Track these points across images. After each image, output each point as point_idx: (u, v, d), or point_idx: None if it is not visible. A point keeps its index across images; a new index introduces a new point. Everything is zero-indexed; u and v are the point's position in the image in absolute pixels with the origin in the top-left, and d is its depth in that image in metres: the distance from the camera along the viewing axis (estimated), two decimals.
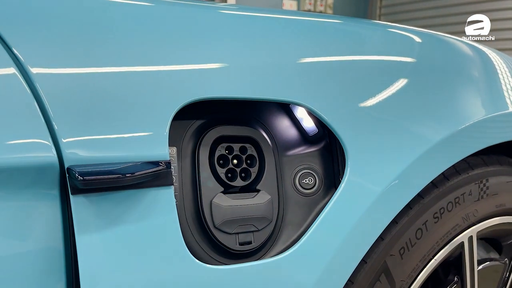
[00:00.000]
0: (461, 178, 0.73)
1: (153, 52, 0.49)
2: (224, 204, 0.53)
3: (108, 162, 0.43)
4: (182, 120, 0.54)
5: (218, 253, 0.53)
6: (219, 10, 0.60)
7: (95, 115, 0.44)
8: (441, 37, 0.81)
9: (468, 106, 0.73)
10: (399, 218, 0.67)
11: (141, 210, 0.45)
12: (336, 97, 0.59)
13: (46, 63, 0.44)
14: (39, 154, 0.41)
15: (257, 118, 0.60)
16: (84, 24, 0.47)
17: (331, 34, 0.65)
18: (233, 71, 0.53)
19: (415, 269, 0.68)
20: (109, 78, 0.46)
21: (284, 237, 0.58)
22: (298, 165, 0.61)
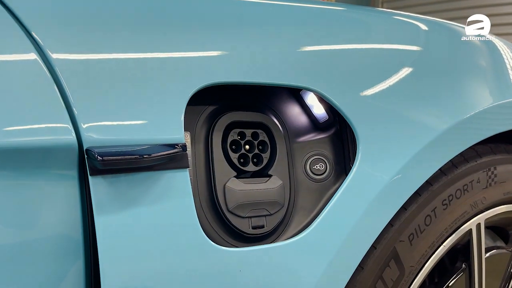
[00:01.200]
0: (469, 166, 0.74)
1: (169, 38, 0.50)
2: (237, 188, 0.54)
3: (126, 145, 0.44)
4: (196, 106, 0.55)
5: (232, 236, 0.54)
6: None
7: (113, 98, 0.45)
8: (449, 25, 0.81)
9: (475, 94, 0.73)
10: (408, 205, 0.67)
11: (157, 192, 0.46)
12: (347, 83, 0.59)
13: (65, 48, 0.44)
14: (58, 136, 0.42)
15: (268, 104, 0.61)
16: (103, 10, 0.48)
17: (342, 21, 0.65)
18: (246, 57, 0.54)
19: (424, 255, 0.69)
20: (126, 63, 0.46)
21: (295, 221, 0.59)
22: (309, 151, 0.62)
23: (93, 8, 0.47)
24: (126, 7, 0.49)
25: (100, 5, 0.48)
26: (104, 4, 0.48)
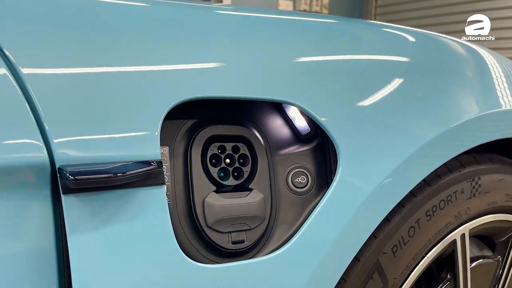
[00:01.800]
0: (453, 176, 0.74)
1: (145, 52, 0.49)
2: (217, 203, 0.53)
3: (100, 162, 0.44)
4: (175, 120, 0.54)
5: (211, 252, 0.54)
6: (213, 10, 0.61)
7: (86, 115, 0.44)
8: (435, 36, 0.81)
9: (461, 105, 0.73)
10: (392, 216, 0.67)
11: (133, 209, 0.45)
12: (328, 97, 0.59)
13: (37, 63, 0.44)
14: (30, 154, 0.41)
15: (249, 117, 0.60)
16: (76, 24, 0.47)
17: (324, 34, 0.65)
18: (226, 71, 0.53)
19: (407, 267, 0.69)
20: (100, 78, 0.46)
21: (276, 235, 0.58)
22: (290, 164, 0.61)
23: (66, 23, 0.47)
24: (100, 22, 0.49)
25: (72, 21, 0.47)
26: (77, 19, 0.48)
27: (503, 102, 0.80)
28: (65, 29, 0.47)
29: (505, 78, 0.84)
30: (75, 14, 0.48)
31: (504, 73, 0.85)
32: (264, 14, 0.63)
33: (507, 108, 0.80)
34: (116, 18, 0.50)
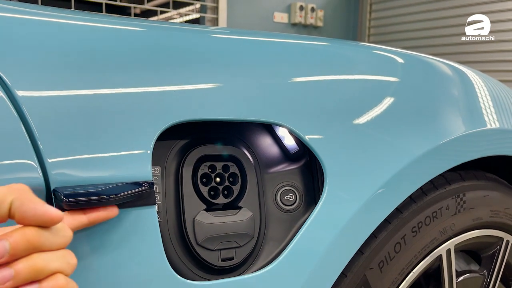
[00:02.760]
0: (438, 193, 0.76)
1: (138, 75, 0.51)
2: (207, 221, 0.55)
3: (93, 183, 0.45)
4: (166, 140, 0.56)
5: (201, 269, 0.55)
6: (204, 33, 0.63)
7: (80, 136, 0.46)
8: (422, 58, 0.84)
9: (447, 123, 0.76)
10: (378, 233, 0.69)
11: (124, 228, 0.47)
12: (315, 117, 0.61)
13: (32, 86, 0.46)
14: (25, 174, 0.43)
15: (239, 137, 0.62)
16: (70, 48, 0.49)
17: (312, 56, 0.67)
18: (217, 94, 0.55)
19: (394, 282, 0.70)
20: (94, 99, 0.48)
21: (265, 252, 0.60)
22: (279, 182, 0.63)
23: (60, 46, 0.49)
24: (93, 46, 0.51)
25: (66, 43, 0.49)
26: (71, 42, 0.49)
27: (488, 121, 0.83)
28: (58, 53, 0.48)
29: (490, 98, 0.87)
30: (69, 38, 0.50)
31: (490, 93, 0.88)
32: (254, 37, 0.65)
33: (492, 127, 0.83)
34: (110, 42, 0.52)
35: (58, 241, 0.37)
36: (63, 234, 0.37)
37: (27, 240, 0.34)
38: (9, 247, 0.33)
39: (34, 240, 0.35)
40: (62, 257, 0.37)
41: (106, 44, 0.52)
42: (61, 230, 0.37)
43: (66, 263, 0.37)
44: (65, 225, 0.38)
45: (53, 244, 0.36)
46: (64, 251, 0.37)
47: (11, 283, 0.33)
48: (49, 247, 0.36)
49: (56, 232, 0.37)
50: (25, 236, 0.34)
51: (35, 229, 0.35)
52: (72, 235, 0.39)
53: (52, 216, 0.35)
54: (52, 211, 0.35)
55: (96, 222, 0.44)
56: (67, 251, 0.38)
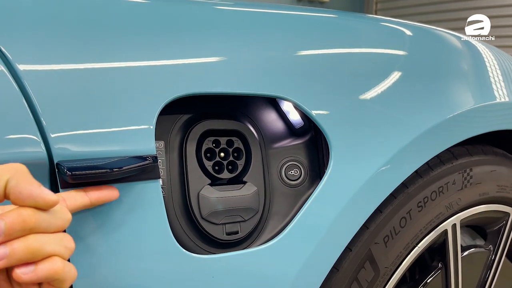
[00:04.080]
0: (445, 168, 0.75)
1: (141, 48, 0.50)
2: (211, 195, 0.55)
3: (97, 157, 0.45)
4: (170, 115, 0.56)
5: (206, 243, 0.55)
6: (208, 5, 0.61)
7: (83, 110, 0.46)
8: (430, 29, 0.82)
9: (456, 97, 0.74)
10: (384, 207, 0.69)
11: (129, 202, 0.47)
12: (321, 91, 0.60)
13: (33, 60, 0.45)
14: (28, 149, 0.43)
15: (243, 111, 0.61)
16: (72, 21, 0.48)
17: (319, 29, 0.66)
18: (220, 67, 0.54)
19: (399, 257, 0.70)
20: (96, 73, 0.47)
21: (270, 227, 0.60)
22: (284, 157, 0.63)
23: (61, 18, 0.48)
24: (95, 18, 0.49)
25: (67, 16, 0.48)
26: (72, 14, 0.48)
27: (497, 95, 0.81)
28: (61, 26, 0.47)
29: (500, 71, 0.85)
30: (70, 10, 0.49)
31: (500, 66, 0.86)
32: (258, 9, 0.64)
33: (502, 101, 0.81)
34: (111, 14, 0.51)
35: (55, 223, 0.36)
36: (61, 217, 0.37)
37: (23, 220, 0.34)
38: (4, 227, 0.33)
39: (30, 221, 0.34)
40: (60, 240, 0.36)
41: (108, 16, 0.51)
42: (59, 212, 0.37)
43: (64, 247, 0.36)
44: (64, 207, 0.38)
45: (50, 226, 0.36)
46: (61, 234, 0.37)
47: (5, 261, 0.33)
48: (45, 229, 0.35)
49: (54, 214, 0.36)
50: (21, 216, 0.34)
51: (32, 210, 0.34)
52: (71, 218, 0.38)
53: (46, 199, 0.34)
54: (47, 193, 0.35)
55: (98, 203, 0.44)
56: (65, 235, 0.37)
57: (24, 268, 0.34)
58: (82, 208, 0.43)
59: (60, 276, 0.36)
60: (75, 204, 0.42)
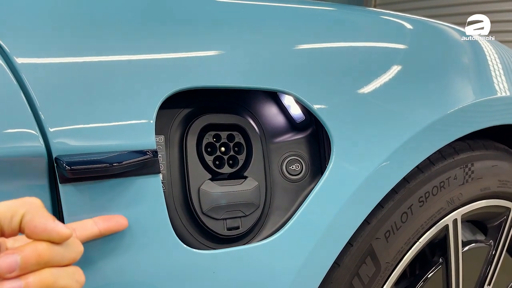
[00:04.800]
0: (446, 163, 0.75)
1: (141, 41, 0.50)
2: (212, 190, 0.54)
3: (96, 152, 0.44)
4: (170, 109, 0.55)
5: (207, 238, 0.55)
6: None
7: (82, 104, 0.45)
8: (432, 23, 0.81)
9: (456, 92, 0.74)
10: (385, 203, 0.68)
11: (129, 198, 0.46)
12: (322, 85, 0.60)
13: (32, 53, 0.44)
14: (27, 144, 0.42)
15: (244, 106, 0.61)
16: (71, 14, 0.47)
17: (319, 22, 0.65)
18: (221, 60, 0.54)
19: (400, 252, 0.70)
20: (95, 67, 0.46)
21: (271, 222, 0.59)
22: (285, 152, 0.62)
23: (60, 12, 0.47)
24: (94, 11, 0.49)
25: (66, 9, 0.47)
26: (71, 8, 0.48)
27: (498, 89, 0.81)
28: (59, 19, 0.47)
29: (501, 65, 0.85)
30: (69, 4, 0.48)
31: (500, 60, 0.85)
32: (259, 2, 0.63)
33: (502, 95, 0.81)
34: (111, 7, 0.50)
35: (69, 256, 0.37)
36: (74, 250, 0.37)
37: (38, 255, 0.34)
38: (20, 261, 0.33)
39: (45, 255, 0.35)
40: (72, 274, 0.37)
41: (108, 9, 0.50)
42: (72, 245, 0.37)
43: (75, 281, 0.37)
44: (76, 240, 0.38)
45: (63, 259, 0.36)
46: (74, 268, 0.37)
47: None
48: (59, 262, 0.36)
49: (67, 248, 0.37)
50: (37, 251, 0.34)
51: (47, 244, 0.35)
52: (83, 250, 0.38)
53: (60, 233, 0.35)
54: (61, 228, 0.35)
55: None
56: (77, 268, 0.38)
57: None
58: (92, 238, 0.43)
59: None
60: (85, 235, 0.42)
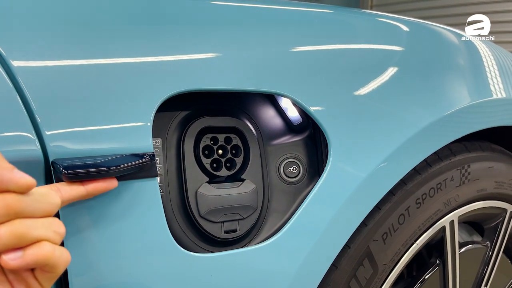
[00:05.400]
0: (443, 165, 0.75)
1: (138, 43, 0.50)
2: (209, 193, 0.54)
3: (93, 155, 0.44)
4: (167, 112, 0.55)
5: (204, 242, 0.55)
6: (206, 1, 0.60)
7: (78, 107, 0.45)
8: (428, 25, 0.81)
9: (452, 94, 0.74)
10: (382, 204, 0.68)
11: (126, 201, 0.46)
12: (319, 87, 0.60)
13: (28, 56, 0.44)
14: (23, 147, 0.42)
15: (242, 108, 0.61)
16: (67, 17, 0.47)
17: (315, 25, 0.65)
18: (218, 63, 0.53)
19: (397, 254, 0.70)
20: (92, 70, 0.46)
21: (269, 224, 0.59)
22: (282, 154, 0.62)
23: (55, 15, 0.47)
24: (90, 13, 0.49)
25: (62, 12, 0.47)
26: (67, 10, 0.47)
27: (494, 91, 0.81)
28: (56, 22, 0.46)
29: (497, 67, 0.85)
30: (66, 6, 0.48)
31: (496, 62, 0.86)
32: (256, 4, 0.63)
33: (499, 97, 0.81)
34: (107, 10, 0.50)
35: (42, 207, 0.35)
36: (48, 201, 0.36)
37: (6, 205, 0.33)
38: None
39: (14, 206, 0.33)
40: (48, 225, 0.35)
41: (104, 11, 0.50)
42: (46, 196, 0.36)
43: (53, 231, 0.35)
44: (52, 192, 0.37)
45: (36, 211, 0.35)
46: (50, 219, 0.36)
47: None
48: (32, 214, 0.34)
49: (40, 199, 0.35)
50: (5, 201, 0.33)
51: (16, 195, 0.33)
52: (60, 203, 0.37)
53: (19, 183, 0.33)
54: (20, 176, 0.33)
55: (95, 193, 0.42)
56: (54, 219, 0.36)
57: (12, 254, 0.33)
58: (79, 199, 0.41)
59: (51, 261, 0.35)
60: (71, 194, 0.40)
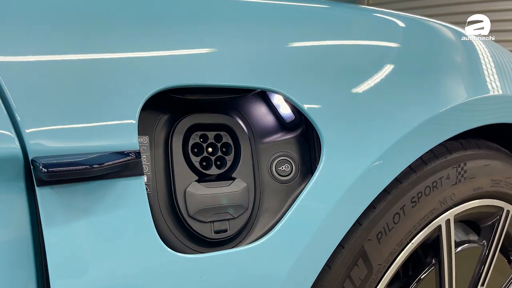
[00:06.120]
0: (439, 163, 0.73)
1: (122, 38, 0.48)
2: (198, 192, 0.53)
3: (75, 153, 0.43)
4: (155, 108, 0.53)
5: (193, 242, 0.53)
6: None
7: (60, 104, 0.43)
8: (425, 21, 0.80)
9: (448, 91, 0.73)
10: (377, 203, 0.67)
11: (110, 200, 0.45)
12: (312, 84, 0.58)
13: (6, 52, 0.42)
14: (2, 145, 0.40)
15: (232, 105, 0.59)
16: (48, 9, 0.45)
17: (309, 20, 0.64)
18: (208, 58, 0.52)
19: (392, 253, 0.69)
20: (74, 65, 0.45)
21: (260, 224, 0.58)
22: (274, 152, 0.61)
23: (36, 7, 0.45)
24: (73, 6, 0.47)
25: (44, 6, 0.45)
26: (48, 4, 0.46)
27: (490, 88, 0.80)
28: (36, 16, 0.45)
29: (493, 64, 0.84)
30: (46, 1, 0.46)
31: (493, 59, 0.85)
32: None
33: (495, 94, 0.80)
34: (91, 5, 0.48)
35: None
36: None
37: None
38: None
39: None
40: None
41: (86, 6, 0.48)
42: None
43: None
44: None
45: None
46: None
47: None
48: None
49: None
50: None
51: None
52: None
53: None
54: None
55: None
56: None
57: None
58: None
59: None
60: None
